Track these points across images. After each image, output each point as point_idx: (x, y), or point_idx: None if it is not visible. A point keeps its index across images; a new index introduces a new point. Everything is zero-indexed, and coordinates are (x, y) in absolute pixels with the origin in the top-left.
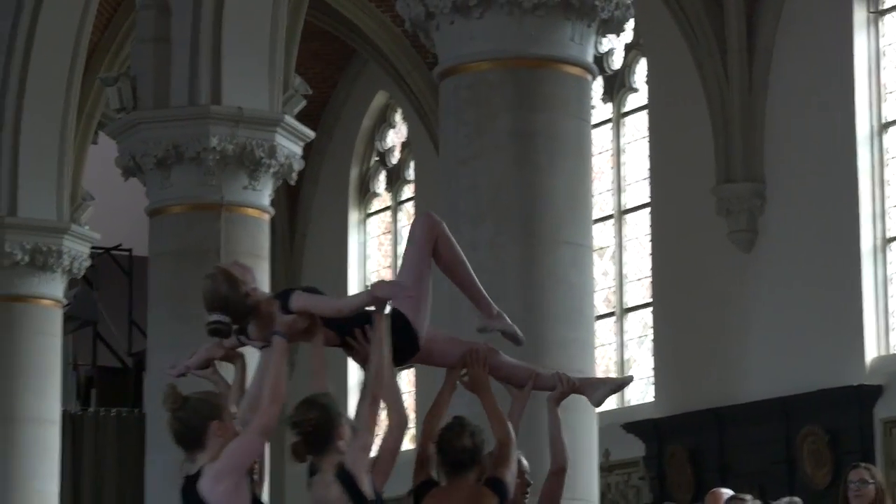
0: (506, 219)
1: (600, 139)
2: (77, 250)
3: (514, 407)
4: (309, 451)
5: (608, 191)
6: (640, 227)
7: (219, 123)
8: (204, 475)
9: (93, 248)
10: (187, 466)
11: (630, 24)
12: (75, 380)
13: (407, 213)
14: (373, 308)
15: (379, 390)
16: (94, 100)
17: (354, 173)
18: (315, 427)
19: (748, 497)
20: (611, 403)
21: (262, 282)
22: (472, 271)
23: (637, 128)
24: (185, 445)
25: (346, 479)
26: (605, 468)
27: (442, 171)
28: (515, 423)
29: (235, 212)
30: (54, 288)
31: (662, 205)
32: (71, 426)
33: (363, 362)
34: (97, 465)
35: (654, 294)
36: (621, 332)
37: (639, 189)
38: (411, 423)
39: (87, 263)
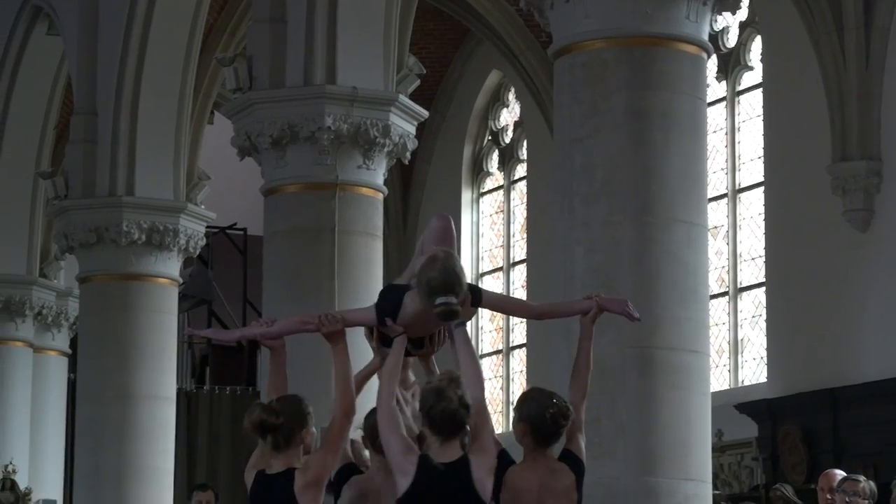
0: (620, 198)
1: (715, 117)
2: (193, 229)
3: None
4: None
5: (722, 170)
6: (754, 206)
7: (334, 103)
8: (297, 480)
9: (208, 227)
10: (263, 462)
11: (745, 2)
12: (190, 358)
13: (520, 193)
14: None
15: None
16: (210, 80)
17: (467, 152)
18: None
19: (862, 478)
20: (724, 384)
21: (374, 261)
22: None
23: (752, 106)
24: (274, 442)
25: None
26: (718, 449)
27: (556, 150)
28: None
29: (350, 191)
30: (170, 267)
31: (777, 183)
32: (186, 404)
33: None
34: (211, 443)
35: (768, 273)
36: (735, 311)
37: (753, 168)
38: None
39: (203, 242)
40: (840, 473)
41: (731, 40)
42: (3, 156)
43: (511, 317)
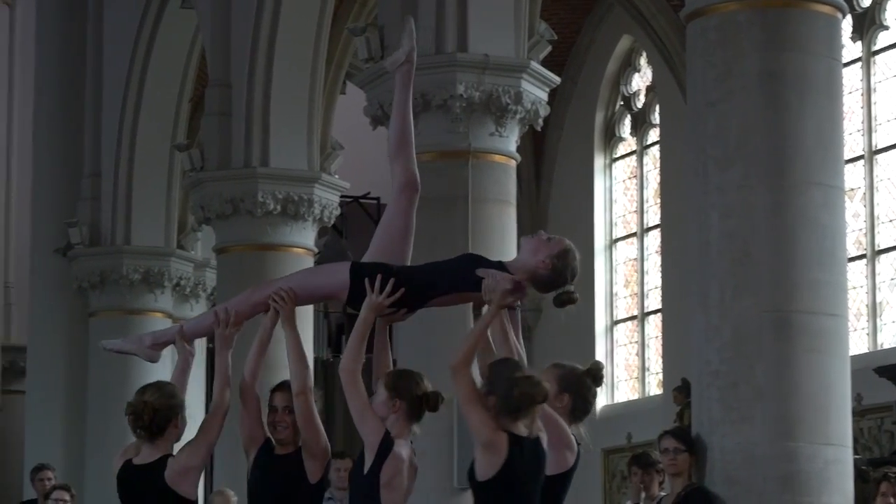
0: (755, 161)
1: (850, 78)
2: (327, 199)
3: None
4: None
5: (858, 131)
6: (891, 167)
7: (465, 71)
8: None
9: (342, 196)
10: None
11: None
12: (326, 327)
13: (653, 158)
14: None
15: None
16: (342, 50)
17: (599, 118)
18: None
19: None
20: (863, 347)
21: (508, 228)
22: None
23: (888, 66)
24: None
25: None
26: (858, 413)
27: (689, 115)
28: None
29: (482, 158)
30: (305, 236)
31: None
32: (323, 372)
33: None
34: (348, 411)
35: None
36: (873, 274)
37: (890, 129)
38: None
39: (337, 212)
40: None
41: (866, 0)
42: (140, 129)
43: (645, 282)
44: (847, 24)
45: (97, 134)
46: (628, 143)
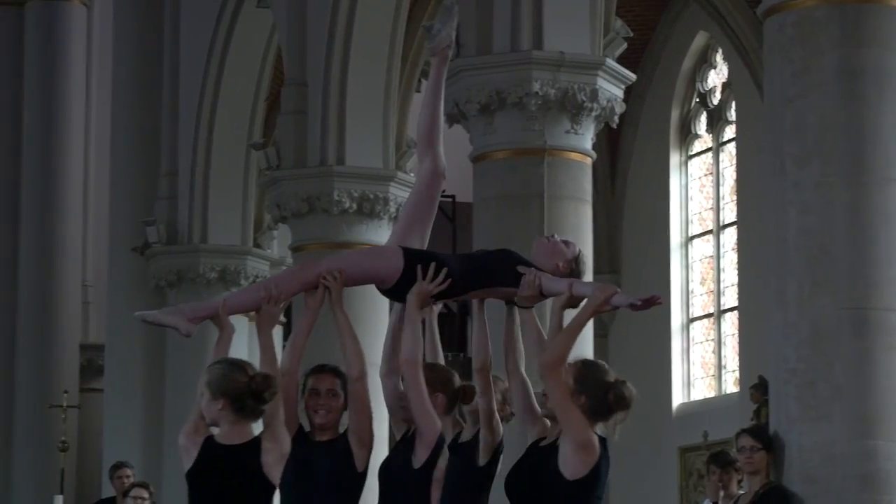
0: (833, 158)
1: None
2: (402, 197)
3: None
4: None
5: None
6: None
7: (541, 68)
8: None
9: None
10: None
11: None
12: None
13: (729, 155)
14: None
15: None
16: (417, 48)
17: (675, 115)
18: None
19: None
20: None
21: (584, 225)
22: None
23: None
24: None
25: None
26: None
27: (766, 111)
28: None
29: (558, 156)
30: (381, 235)
31: None
32: None
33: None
34: None
35: None
36: None
37: None
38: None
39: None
40: None
41: None
42: (217, 128)
43: (721, 279)
44: None
45: (174, 133)
46: (704, 140)
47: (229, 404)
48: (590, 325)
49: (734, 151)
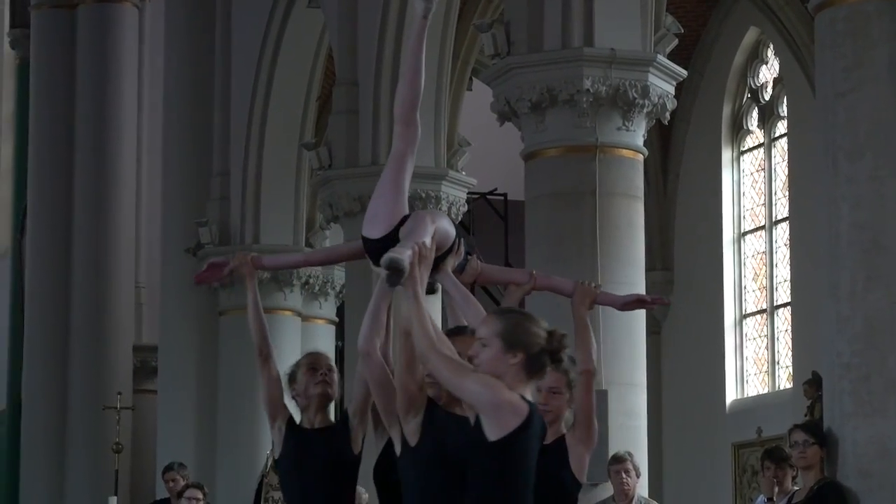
0: (885, 152)
1: None
2: (454, 195)
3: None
4: None
5: None
6: None
7: (592, 65)
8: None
9: (469, 193)
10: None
11: None
12: None
13: (781, 150)
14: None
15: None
16: (468, 47)
17: (727, 111)
18: None
19: None
20: None
21: (636, 222)
22: None
23: None
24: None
25: None
26: None
27: (818, 106)
28: None
29: (610, 153)
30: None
31: None
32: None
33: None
34: None
35: None
36: None
37: None
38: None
39: (465, 208)
40: None
41: None
42: (268, 128)
43: (774, 275)
44: None
45: (226, 133)
46: (756, 136)
47: (525, 359)
48: (642, 322)
49: (786, 147)
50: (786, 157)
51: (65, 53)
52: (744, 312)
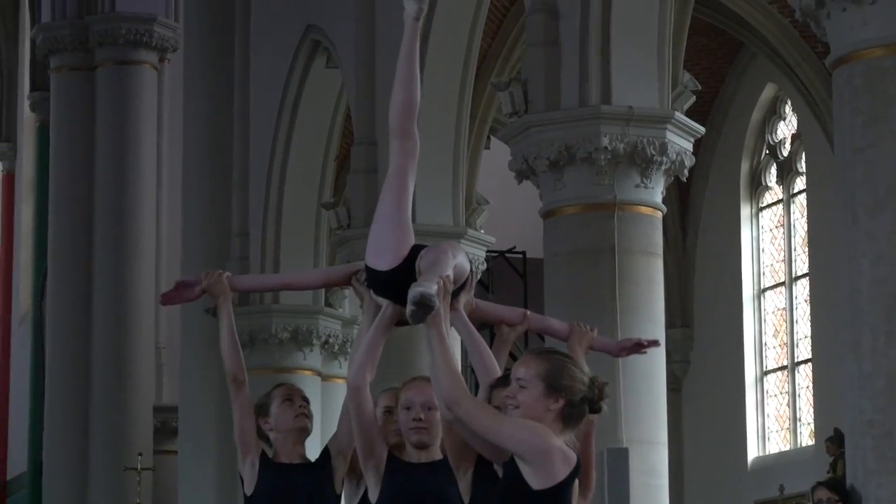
0: None
1: None
2: (473, 254)
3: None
4: None
5: None
6: None
7: (610, 123)
8: None
9: (488, 251)
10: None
11: None
12: None
13: (800, 206)
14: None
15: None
16: (486, 105)
17: (745, 167)
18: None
19: None
20: None
21: (655, 279)
22: None
23: None
24: None
25: None
26: None
27: (836, 162)
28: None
29: (628, 210)
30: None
31: None
32: None
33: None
34: None
35: None
36: None
37: None
38: None
39: (484, 267)
40: None
41: None
42: (287, 188)
43: (795, 331)
44: None
45: (245, 194)
46: (775, 192)
47: (565, 406)
48: (662, 379)
49: (805, 203)
50: (805, 213)
51: (84, 115)
52: (765, 369)
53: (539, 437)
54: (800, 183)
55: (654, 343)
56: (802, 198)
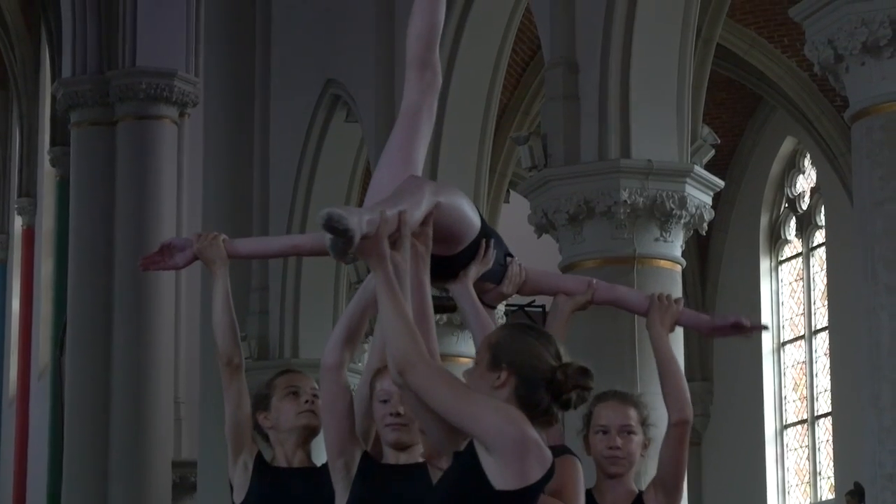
0: None
1: None
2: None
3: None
4: None
5: None
6: None
7: (629, 177)
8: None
9: (508, 305)
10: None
11: None
12: None
13: (819, 259)
14: None
15: None
16: (505, 160)
17: (764, 221)
18: None
19: None
20: None
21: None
22: None
23: None
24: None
25: None
26: None
27: (856, 215)
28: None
29: (648, 264)
30: (469, 346)
31: None
32: None
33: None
34: None
35: None
36: None
37: None
38: None
39: (504, 321)
40: None
41: None
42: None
43: (815, 385)
44: None
45: None
46: (794, 245)
47: (516, 387)
48: None
49: (825, 256)
50: (824, 267)
51: (104, 170)
52: (784, 423)
53: (516, 424)
54: (819, 236)
55: (761, 327)
56: (822, 251)
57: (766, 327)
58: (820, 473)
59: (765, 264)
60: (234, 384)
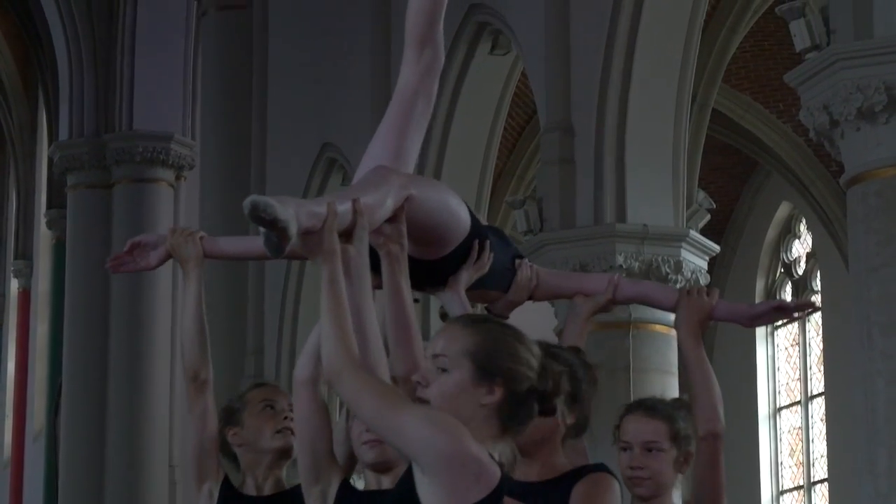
0: None
1: None
2: None
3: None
4: None
5: None
6: None
7: (625, 241)
8: None
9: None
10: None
11: None
12: None
13: (815, 325)
14: None
15: None
16: (501, 223)
17: (760, 285)
18: None
19: None
20: None
21: (671, 396)
22: None
23: None
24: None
25: None
26: None
27: (852, 281)
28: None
29: (643, 328)
30: None
31: None
32: None
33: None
34: None
35: None
36: None
37: None
38: None
39: None
40: None
41: None
42: (302, 305)
43: (811, 451)
44: None
45: (259, 311)
46: None
47: (504, 399)
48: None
49: (820, 321)
50: (820, 332)
51: (100, 233)
52: (781, 489)
53: (449, 436)
54: (815, 301)
55: (808, 304)
56: (818, 316)
57: (813, 304)
58: None
59: (761, 329)
60: (200, 403)
